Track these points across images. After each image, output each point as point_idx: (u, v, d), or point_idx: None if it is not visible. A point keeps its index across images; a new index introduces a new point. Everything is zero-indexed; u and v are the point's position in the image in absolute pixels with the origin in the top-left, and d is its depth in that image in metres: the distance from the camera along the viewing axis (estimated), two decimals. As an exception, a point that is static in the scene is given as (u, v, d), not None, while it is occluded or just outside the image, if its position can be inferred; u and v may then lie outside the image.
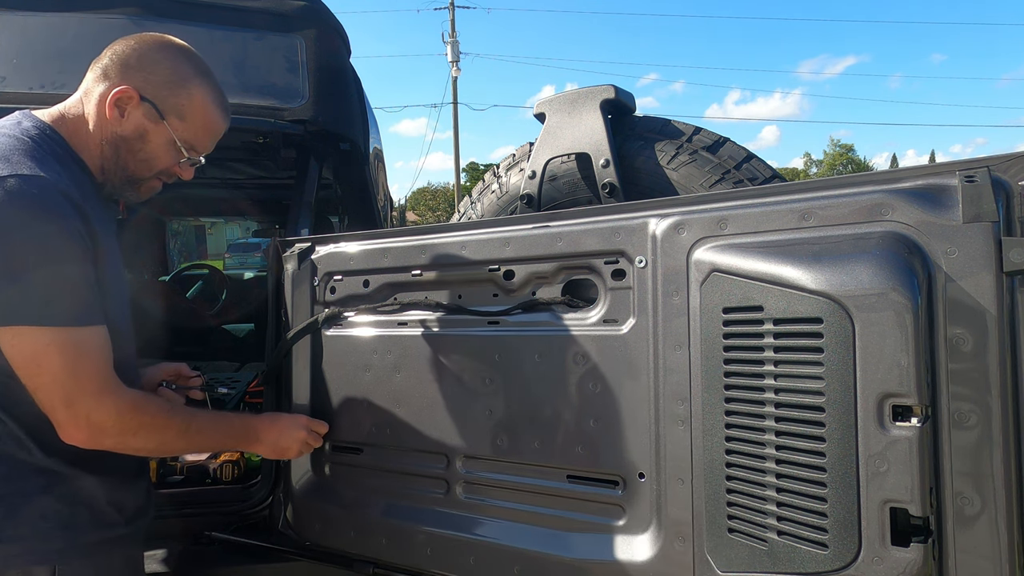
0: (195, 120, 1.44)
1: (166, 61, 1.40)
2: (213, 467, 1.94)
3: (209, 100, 1.46)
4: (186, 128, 1.43)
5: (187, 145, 1.44)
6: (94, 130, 1.38)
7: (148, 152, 1.42)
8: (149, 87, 1.38)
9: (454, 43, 29.39)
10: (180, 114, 1.41)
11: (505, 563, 1.46)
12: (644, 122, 2.07)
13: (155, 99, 1.39)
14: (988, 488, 1.03)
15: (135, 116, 1.38)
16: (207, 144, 1.49)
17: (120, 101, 1.36)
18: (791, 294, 1.11)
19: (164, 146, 1.42)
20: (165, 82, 1.39)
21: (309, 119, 2.18)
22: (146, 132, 1.40)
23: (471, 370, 1.53)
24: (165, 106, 1.40)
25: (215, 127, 1.48)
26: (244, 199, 4.12)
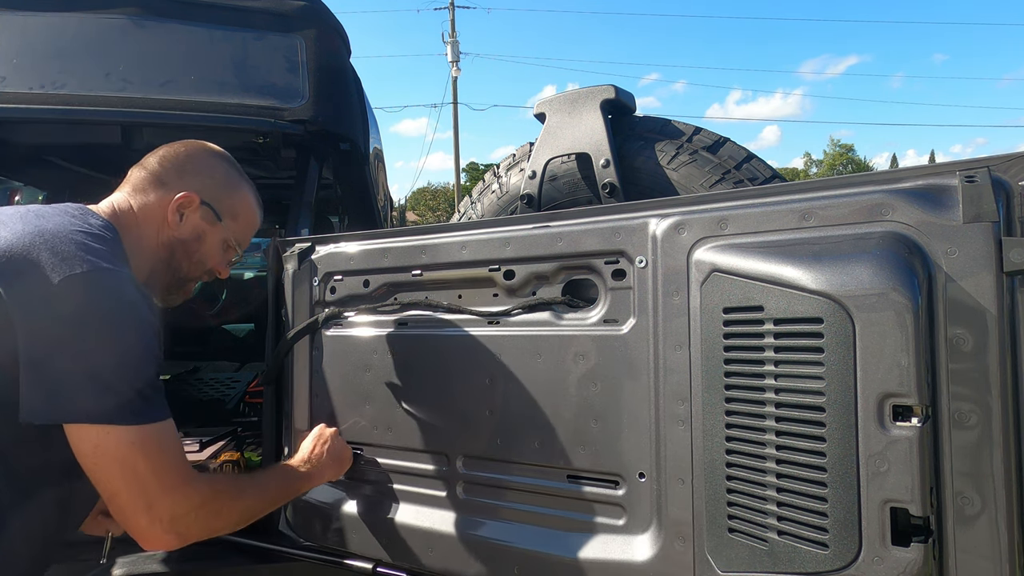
0: (246, 219, 1.56)
1: (219, 166, 1.51)
2: (213, 467, 1.94)
3: (254, 200, 1.59)
4: (238, 227, 1.54)
5: (238, 242, 1.55)
6: (151, 234, 1.43)
7: (203, 252, 1.50)
8: (207, 191, 1.47)
9: (454, 43, 29.41)
10: (234, 214, 1.52)
11: (505, 563, 1.46)
12: (644, 122, 2.07)
13: (213, 202, 1.48)
14: (988, 488, 1.03)
15: (193, 219, 1.46)
16: (250, 240, 1.61)
17: (182, 206, 1.43)
18: (791, 294, 1.11)
19: (218, 245, 1.52)
20: (220, 185, 1.50)
21: (309, 119, 2.18)
22: (204, 233, 1.48)
23: (471, 370, 1.53)
24: (222, 208, 1.50)
25: (257, 223, 1.62)
26: (244, 199, 4.11)
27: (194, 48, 2.21)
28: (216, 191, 1.48)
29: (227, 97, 2.15)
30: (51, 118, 2.11)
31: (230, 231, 1.52)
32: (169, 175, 1.45)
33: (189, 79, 2.15)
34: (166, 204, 1.43)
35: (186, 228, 1.45)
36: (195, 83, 2.15)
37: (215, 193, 1.48)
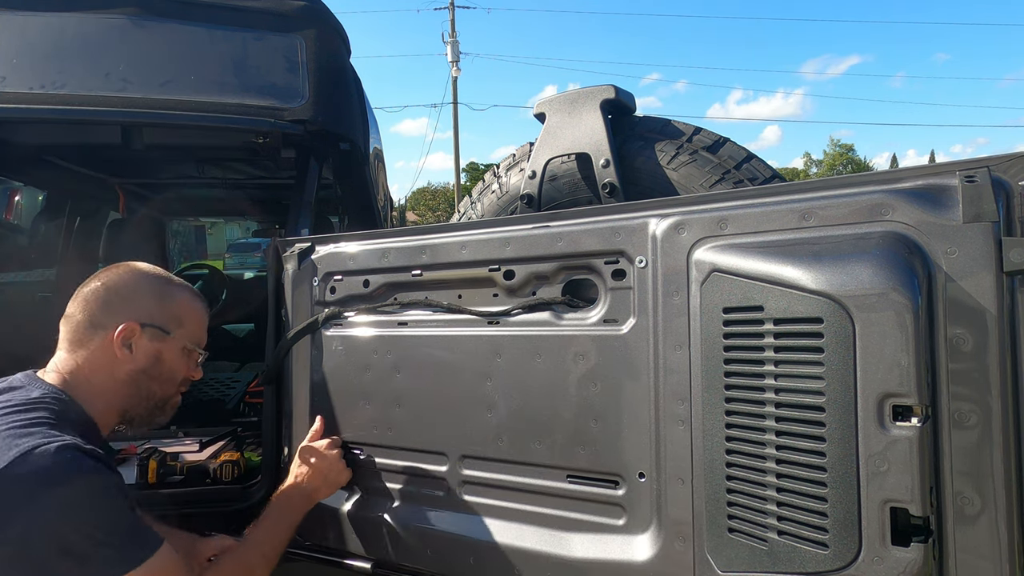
0: (192, 319, 1.51)
1: (143, 283, 1.45)
2: (213, 467, 1.94)
3: (191, 296, 1.53)
4: (189, 330, 1.49)
5: (195, 343, 1.51)
6: (106, 379, 1.38)
7: (167, 370, 1.46)
8: (143, 313, 1.42)
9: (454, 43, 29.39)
10: (179, 321, 1.47)
11: (505, 563, 1.46)
12: (644, 122, 2.07)
13: (153, 320, 1.43)
14: (988, 488, 1.03)
15: (142, 345, 1.41)
16: (205, 334, 1.55)
17: (125, 339, 1.38)
18: (791, 294, 1.11)
19: (178, 357, 1.48)
20: (153, 301, 1.44)
21: (309, 119, 2.18)
22: (159, 353, 1.43)
23: (471, 370, 1.53)
24: (165, 321, 1.45)
25: (204, 316, 1.56)
26: (244, 199, 4.12)
27: (194, 48, 2.21)
28: (152, 308, 1.43)
29: (227, 97, 2.15)
30: (51, 118, 2.11)
31: (183, 338, 1.47)
32: (98, 316, 1.39)
33: (189, 79, 2.15)
34: (108, 344, 1.37)
35: (140, 357, 1.40)
36: (195, 83, 2.15)
37: (151, 311, 1.43)
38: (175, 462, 1.96)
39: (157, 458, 1.93)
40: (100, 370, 1.38)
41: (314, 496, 1.63)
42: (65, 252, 3.69)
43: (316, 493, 1.64)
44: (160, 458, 1.94)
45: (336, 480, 1.67)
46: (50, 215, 3.71)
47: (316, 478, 1.64)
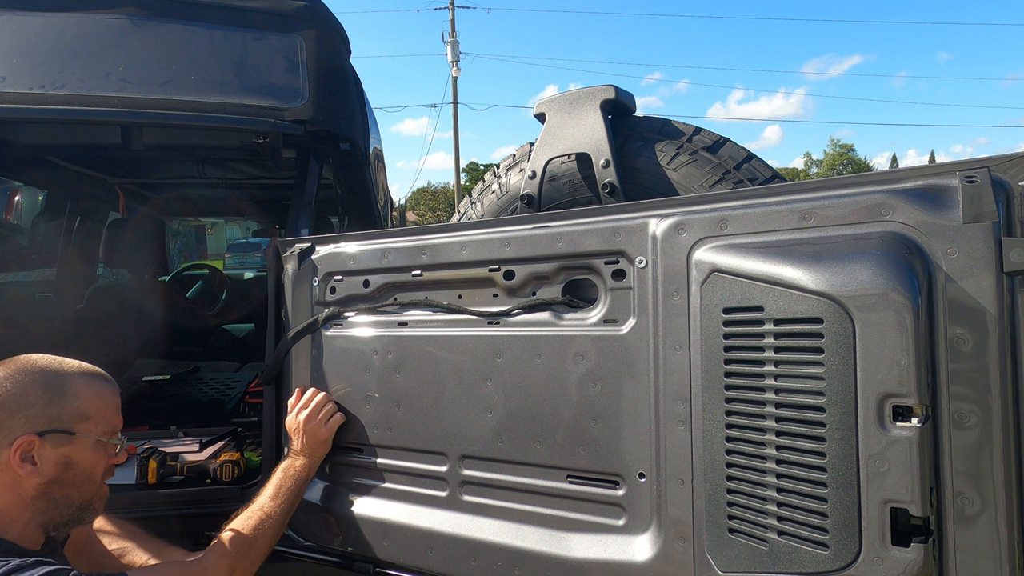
0: (96, 408, 1.33)
1: (30, 385, 1.26)
2: (213, 467, 1.94)
3: (90, 382, 1.34)
4: (96, 421, 1.32)
5: (108, 434, 1.35)
6: (13, 500, 1.24)
7: (82, 470, 1.30)
8: (37, 421, 1.24)
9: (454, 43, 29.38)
10: (83, 415, 1.30)
11: (505, 563, 1.46)
12: (644, 122, 2.07)
13: (52, 424, 1.26)
14: (988, 488, 1.03)
15: (47, 454, 1.25)
16: (118, 416, 1.39)
17: (24, 454, 1.23)
18: (791, 294, 1.11)
19: (91, 453, 1.32)
20: (46, 402, 1.26)
21: (309, 119, 2.18)
22: (68, 457, 1.28)
23: (471, 370, 1.53)
24: (65, 422, 1.27)
25: (113, 399, 1.38)
26: (244, 199, 4.13)
27: (194, 48, 2.21)
28: (47, 412, 1.26)
29: (227, 97, 2.15)
30: (51, 118, 2.11)
31: (91, 432, 1.30)
32: None
33: (189, 79, 2.15)
34: (7, 464, 1.22)
35: (47, 468, 1.25)
36: (195, 83, 2.15)
37: (46, 414, 1.25)
38: (175, 462, 1.96)
39: (157, 458, 1.93)
40: (6, 493, 1.24)
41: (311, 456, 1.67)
42: (65, 252, 3.69)
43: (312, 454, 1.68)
44: (160, 458, 1.94)
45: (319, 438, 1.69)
46: (50, 215, 3.72)
47: (305, 444, 1.67)
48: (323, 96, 2.23)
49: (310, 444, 1.68)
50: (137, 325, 3.37)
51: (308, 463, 1.67)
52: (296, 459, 1.67)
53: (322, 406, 1.71)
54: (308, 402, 1.72)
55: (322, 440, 1.69)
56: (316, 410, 1.70)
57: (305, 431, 1.68)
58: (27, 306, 3.26)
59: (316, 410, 1.70)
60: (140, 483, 1.90)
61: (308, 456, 1.68)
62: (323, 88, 2.24)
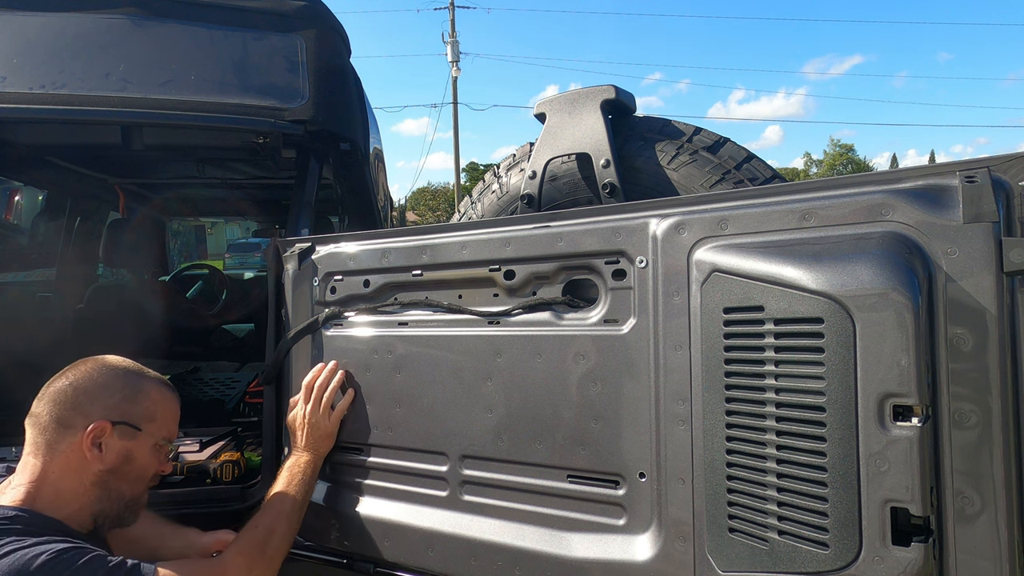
0: (164, 413, 1.44)
1: (112, 378, 1.39)
2: (213, 467, 1.94)
3: (162, 389, 1.46)
4: (160, 426, 1.43)
5: (166, 439, 1.45)
6: (76, 483, 1.33)
7: (137, 467, 1.40)
8: (114, 410, 1.35)
9: (454, 43, 29.39)
10: (151, 417, 1.41)
11: (506, 563, 1.46)
12: (644, 122, 2.07)
13: (125, 417, 1.37)
14: (988, 488, 1.03)
15: (113, 444, 1.35)
16: (176, 425, 1.50)
17: (96, 438, 1.33)
18: (792, 294, 1.11)
19: (149, 454, 1.41)
20: (124, 398, 1.38)
21: (309, 119, 2.18)
22: (130, 451, 1.37)
23: (471, 370, 1.53)
24: (136, 418, 1.38)
25: (175, 407, 1.49)
26: (244, 199, 4.13)
27: (194, 48, 2.21)
28: (122, 405, 1.37)
29: (227, 97, 2.15)
30: (51, 118, 2.11)
31: (154, 434, 1.41)
32: (67, 416, 1.32)
33: (189, 79, 2.15)
34: (78, 446, 1.31)
35: (110, 456, 1.34)
36: (195, 83, 2.15)
37: (122, 408, 1.37)
38: (175, 462, 1.96)
39: (157, 458, 1.93)
40: (70, 474, 1.32)
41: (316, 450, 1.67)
42: (65, 252, 3.70)
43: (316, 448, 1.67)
44: (160, 458, 1.94)
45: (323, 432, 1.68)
46: (50, 215, 3.72)
47: (308, 439, 1.67)
48: (323, 96, 2.23)
49: (314, 438, 1.68)
50: (137, 325, 3.36)
51: (313, 458, 1.67)
52: (300, 456, 1.67)
53: (322, 398, 1.71)
54: (310, 396, 1.71)
55: (328, 433, 1.69)
56: (318, 403, 1.70)
57: (310, 424, 1.68)
58: (27, 306, 3.26)
59: (318, 403, 1.70)
60: (140, 483, 1.90)
61: (313, 451, 1.67)
62: (323, 88, 2.24)
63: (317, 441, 1.68)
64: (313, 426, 1.68)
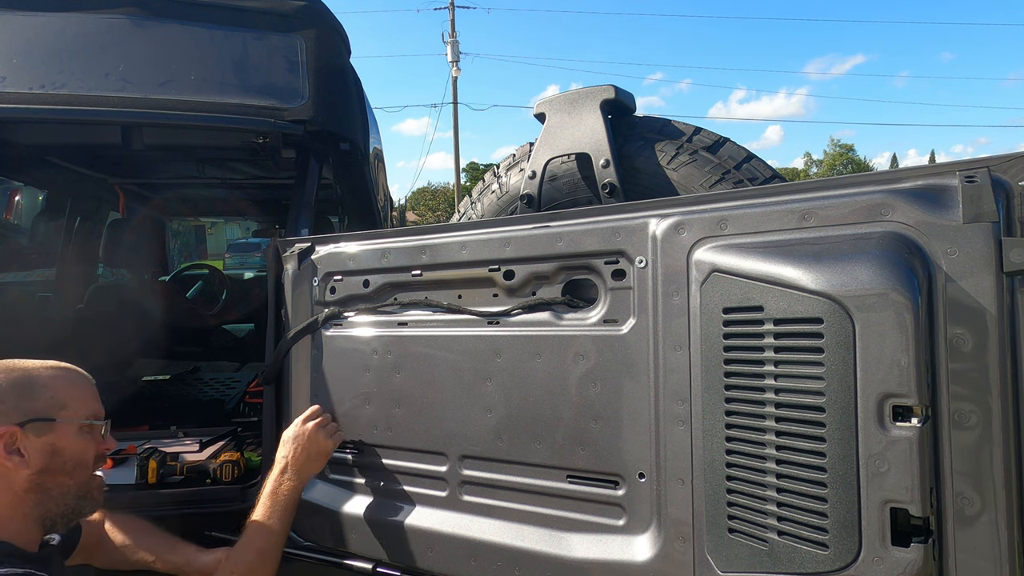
0: (73, 395, 1.34)
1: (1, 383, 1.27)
2: (213, 467, 1.94)
3: (62, 372, 1.35)
4: (74, 408, 1.33)
5: (90, 418, 1.36)
6: (7, 495, 1.25)
7: (70, 456, 1.31)
8: (15, 414, 1.25)
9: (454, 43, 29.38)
10: (60, 404, 1.31)
11: (505, 563, 1.46)
12: (644, 122, 2.07)
13: (31, 414, 1.26)
14: (988, 488, 1.03)
15: (31, 444, 1.26)
16: (98, 403, 1.39)
17: (8, 445, 1.23)
18: (791, 294, 1.11)
19: (77, 438, 1.32)
20: (19, 397, 1.27)
21: (309, 119, 2.18)
22: (53, 444, 1.28)
23: (471, 370, 1.53)
24: (42, 411, 1.28)
25: (86, 386, 1.38)
26: (244, 199, 4.13)
27: (194, 48, 2.21)
28: (22, 405, 1.26)
29: (227, 97, 2.15)
30: (51, 118, 2.11)
31: (73, 418, 1.31)
32: None
33: (189, 79, 2.15)
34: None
35: (34, 458, 1.25)
36: (195, 83, 2.15)
37: (23, 407, 1.26)
38: (175, 462, 1.96)
39: (157, 458, 1.93)
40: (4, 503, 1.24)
41: (302, 473, 1.64)
42: (65, 252, 3.70)
43: (303, 471, 1.65)
44: (160, 458, 1.94)
45: (320, 450, 1.67)
46: (50, 215, 3.72)
47: (299, 455, 1.64)
48: (323, 96, 2.23)
49: (309, 454, 1.65)
50: (137, 325, 3.37)
51: (298, 483, 1.64)
52: (282, 482, 1.63)
53: (329, 420, 1.71)
54: (315, 414, 1.70)
55: (324, 452, 1.67)
56: (324, 421, 1.70)
57: (310, 439, 1.65)
58: (27, 306, 3.26)
59: (324, 421, 1.70)
60: (140, 483, 1.89)
61: (298, 474, 1.64)
62: (323, 88, 2.24)
63: (310, 458, 1.65)
64: (312, 439, 1.66)
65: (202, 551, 1.64)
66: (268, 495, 1.63)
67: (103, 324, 3.23)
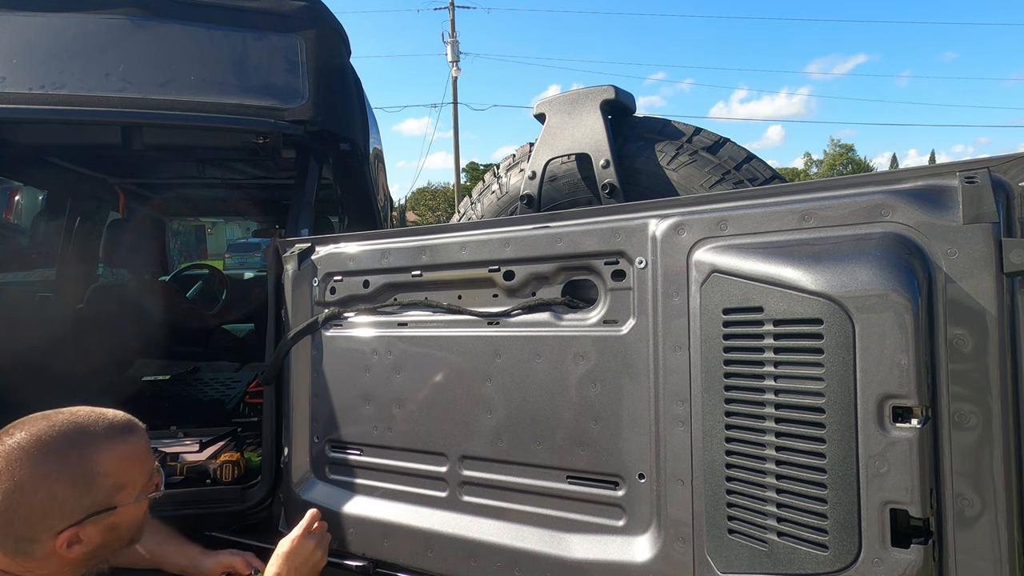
0: (129, 467, 1.25)
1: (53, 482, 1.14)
2: (213, 467, 1.94)
3: (117, 447, 1.24)
4: (132, 486, 1.25)
5: (145, 489, 1.29)
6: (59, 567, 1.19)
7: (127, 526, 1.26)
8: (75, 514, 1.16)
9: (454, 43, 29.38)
10: (118, 487, 1.22)
11: (505, 564, 1.46)
12: (644, 123, 2.07)
13: (91, 509, 1.18)
14: (988, 489, 1.03)
15: (91, 531, 1.19)
16: (151, 459, 1.32)
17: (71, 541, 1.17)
18: (791, 295, 1.11)
19: (134, 509, 1.26)
20: (79, 497, 1.16)
21: (309, 119, 2.18)
22: (113, 524, 1.22)
23: (471, 371, 1.53)
24: (102, 503, 1.20)
25: (143, 451, 1.29)
26: (244, 199, 4.13)
27: (194, 48, 2.21)
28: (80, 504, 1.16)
29: (227, 97, 2.15)
30: (51, 118, 2.11)
31: (131, 496, 1.24)
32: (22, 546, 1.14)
33: (189, 79, 2.15)
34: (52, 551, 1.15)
35: (93, 540, 1.19)
36: (195, 83, 2.15)
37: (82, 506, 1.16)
38: (175, 462, 1.97)
39: (157, 458, 1.93)
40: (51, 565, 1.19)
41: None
42: (65, 252, 3.70)
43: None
44: (160, 458, 1.94)
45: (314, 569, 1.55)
46: (50, 215, 3.72)
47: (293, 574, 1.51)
48: (323, 96, 2.23)
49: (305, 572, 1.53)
50: (137, 325, 3.37)
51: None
52: None
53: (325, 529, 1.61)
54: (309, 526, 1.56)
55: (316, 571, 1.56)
56: (321, 534, 1.59)
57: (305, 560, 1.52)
58: (27, 306, 3.26)
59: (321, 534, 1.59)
60: (140, 483, 1.89)
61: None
62: (323, 88, 2.24)
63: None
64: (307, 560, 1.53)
65: (207, 554, 1.63)
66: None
67: (103, 324, 3.23)
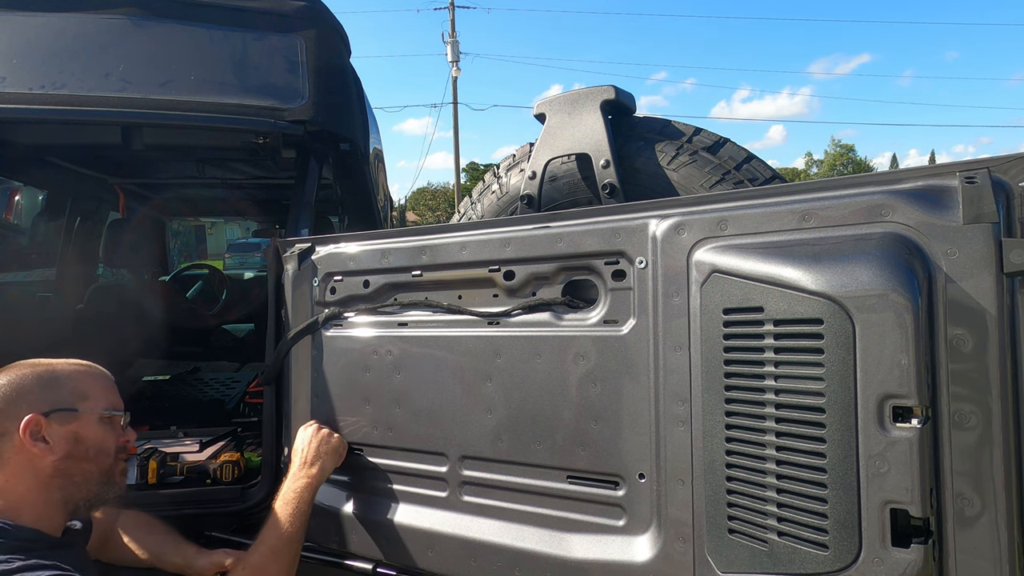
0: (94, 387, 1.42)
1: (24, 379, 1.35)
2: (213, 467, 1.94)
3: (83, 367, 1.44)
4: (95, 400, 1.41)
5: (110, 409, 1.43)
6: (33, 481, 1.31)
7: (92, 444, 1.38)
8: (41, 403, 1.33)
9: (454, 43, 29.38)
10: (81, 395, 1.39)
11: (505, 564, 1.46)
12: (644, 123, 2.07)
13: (55, 405, 1.35)
14: (988, 489, 1.03)
15: (55, 432, 1.33)
16: (117, 397, 1.47)
17: (34, 433, 1.31)
18: (791, 295, 1.11)
19: (98, 428, 1.40)
20: (44, 388, 1.35)
21: (309, 119, 2.18)
22: (75, 432, 1.36)
23: (471, 371, 1.53)
24: (65, 402, 1.36)
25: (106, 381, 1.47)
26: (244, 199, 4.13)
27: (194, 48, 2.21)
28: (46, 395, 1.34)
29: (227, 97, 2.15)
30: (51, 118, 2.11)
31: (94, 409, 1.40)
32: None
33: (189, 79, 2.15)
34: (21, 446, 1.29)
35: (59, 444, 1.33)
36: (195, 83, 2.15)
37: (47, 397, 1.34)
38: (175, 462, 1.96)
39: (157, 458, 1.93)
40: (25, 476, 1.31)
41: (319, 474, 1.66)
42: (65, 252, 3.70)
43: (320, 472, 1.66)
44: (160, 458, 1.94)
45: (333, 447, 1.69)
46: (50, 215, 3.72)
47: (315, 452, 1.67)
48: (323, 96, 2.23)
49: (323, 452, 1.67)
50: (137, 325, 3.37)
51: (310, 483, 1.64)
52: (301, 478, 1.64)
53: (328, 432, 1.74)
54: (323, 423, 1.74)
55: (336, 449, 1.70)
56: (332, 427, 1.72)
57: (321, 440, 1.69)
58: (27, 306, 3.26)
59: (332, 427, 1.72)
60: (140, 483, 1.90)
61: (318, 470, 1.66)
62: (323, 88, 2.24)
63: (325, 456, 1.67)
64: (323, 440, 1.69)
65: (202, 553, 1.64)
66: (282, 494, 1.64)
67: (103, 324, 3.23)
